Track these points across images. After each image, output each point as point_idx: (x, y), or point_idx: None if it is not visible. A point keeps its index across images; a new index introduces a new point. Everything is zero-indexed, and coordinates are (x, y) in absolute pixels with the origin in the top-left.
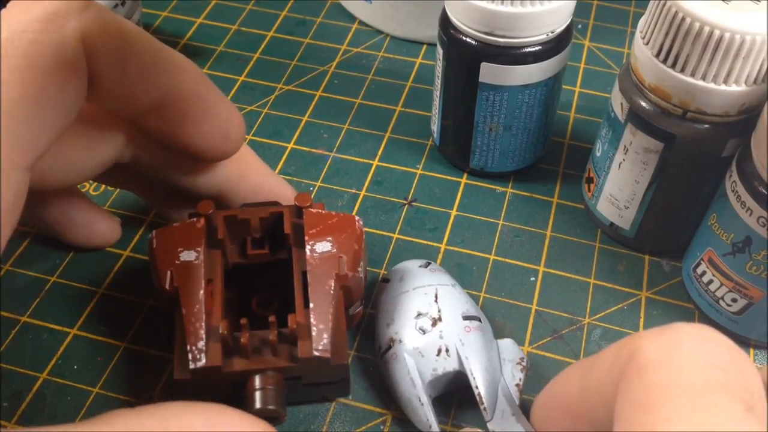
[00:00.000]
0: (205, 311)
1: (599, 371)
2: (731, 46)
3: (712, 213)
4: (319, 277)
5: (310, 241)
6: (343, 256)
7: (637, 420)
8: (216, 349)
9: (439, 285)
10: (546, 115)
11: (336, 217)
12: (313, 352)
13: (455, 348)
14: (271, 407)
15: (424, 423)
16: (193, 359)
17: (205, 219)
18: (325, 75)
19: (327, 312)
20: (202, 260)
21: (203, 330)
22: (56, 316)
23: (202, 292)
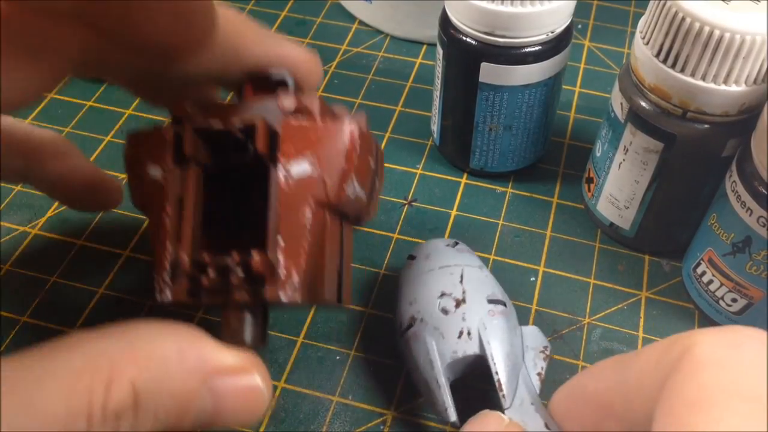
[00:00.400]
0: (172, 238)
1: (643, 365)
2: (731, 46)
3: (712, 213)
4: (292, 207)
5: (284, 161)
6: (327, 179)
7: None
8: (182, 284)
9: (466, 266)
10: (546, 115)
11: (322, 129)
12: (281, 298)
13: (477, 331)
14: (246, 341)
15: (440, 405)
16: (159, 291)
17: (174, 130)
18: (325, 75)
19: (300, 248)
20: (168, 178)
21: (169, 261)
22: (56, 316)
23: (167, 217)
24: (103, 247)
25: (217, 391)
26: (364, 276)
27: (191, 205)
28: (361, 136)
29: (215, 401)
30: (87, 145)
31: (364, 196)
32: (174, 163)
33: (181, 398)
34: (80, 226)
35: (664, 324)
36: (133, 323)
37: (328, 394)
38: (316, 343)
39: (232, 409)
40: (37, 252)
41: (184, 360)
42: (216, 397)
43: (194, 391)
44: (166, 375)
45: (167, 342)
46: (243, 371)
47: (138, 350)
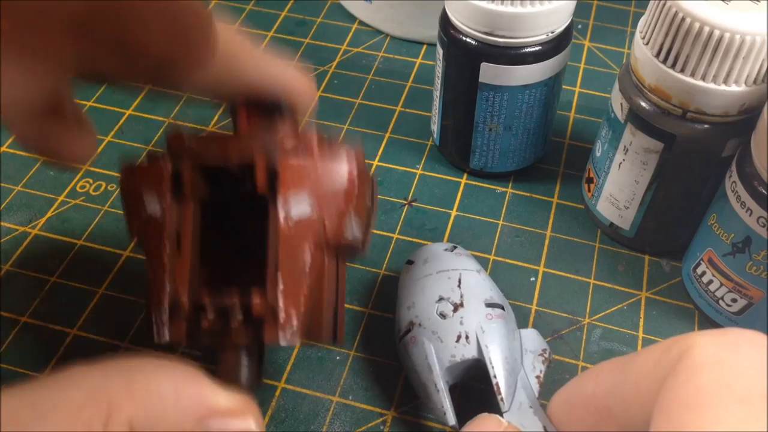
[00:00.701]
0: (170, 277)
1: (641, 367)
2: (731, 46)
3: (712, 213)
4: (292, 249)
5: (284, 203)
6: (327, 221)
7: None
8: (180, 327)
9: (464, 270)
10: (546, 115)
11: (321, 167)
12: (280, 342)
13: (475, 335)
14: (242, 382)
15: (439, 409)
16: (157, 332)
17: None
18: (325, 75)
19: (299, 291)
20: (167, 216)
21: (166, 301)
22: (56, 316)
23: (165, 256)
24: (103, 247)
25: None
26: (364, 276)
27: (189, 243)
28: (359, 176)
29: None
30: None
31: (361, 234)
32: (172, 200)
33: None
34: (80, 226)
35: (664, 324)
36: (132, 359)
37: (328, 394)
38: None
39: None
40: (37, 252)
41: (181, 399)
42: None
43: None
44: (163, 414)
45: (165, 380)
46: (237, 414)
47: (136, 387)
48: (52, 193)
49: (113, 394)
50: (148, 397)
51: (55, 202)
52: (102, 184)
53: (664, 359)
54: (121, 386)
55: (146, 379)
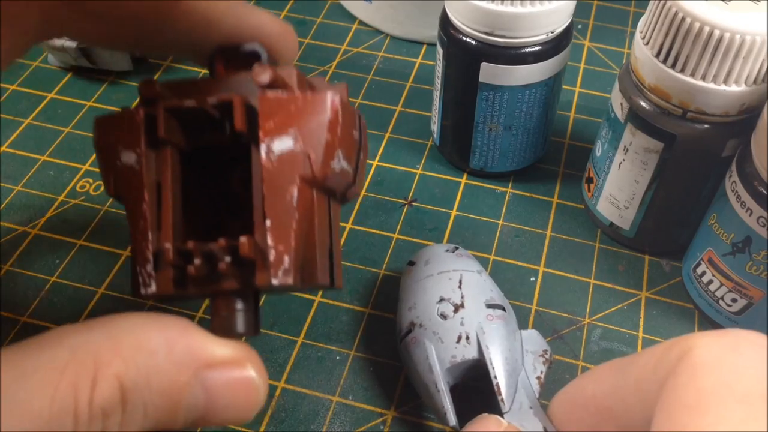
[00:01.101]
0: (152, 226)
1: (642, 368)
2: (731, 46)
3: (712, 213)
4: (277, 185)
5: (265, 138)
6: (311, 153)
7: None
8: (167, 275)
9: (465, 271)
10: (546, 115)
11: (301, 99)
12: (272, 281)
13: (476, 336)
14: (237, 330)
15: (439, 410)
16: (143, 284)
17: (145, 111)
18: (325, 75)
19: (288, 228)
20: (143, 163)
21: (150, 251)
22: (56, 316)
23: (145, 204)
24: (103, 247)
25: (208, 385)
26: (364, 276)
27: (170, 191)
28: (343, 107)
29: (207, 396)
30: (87, 145)
31: (351, 169)
32: (148, 147)
33: (171, 393)
34: (80, 226)
35: (664, 324)
36: (118, 315)
37: (328, 394)
38: (316, 343)
39: (226, 404)
40: (37, 252)
41: (173, 353)
42: (208, 392)
43: (184, 385)
44: (154, 369)
45: (154, 334)
46: (236, 364)
47: (123, 343)
48: (52, 193)
49: (99, 350)
50: (137, 352)
51: (55, 202)
52: (102, 183)
53: (665, 360)
54: (107, 342)
55: (134, 333)
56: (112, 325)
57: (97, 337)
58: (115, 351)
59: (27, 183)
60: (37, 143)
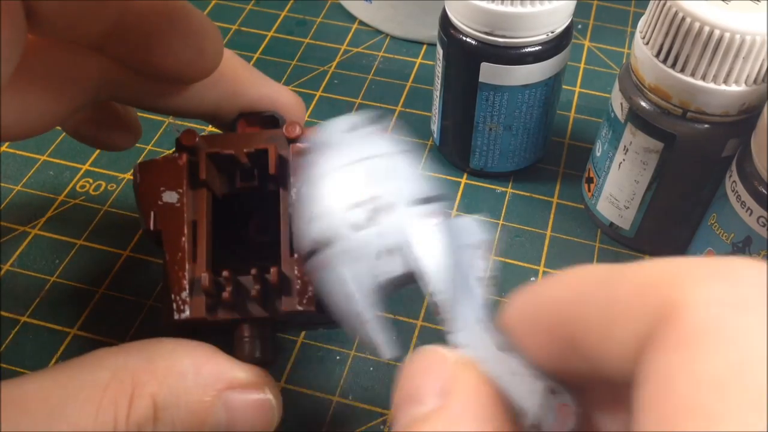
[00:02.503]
0: (189, 258)
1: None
2: (731, 46)
3: (712, 213)
4: None
5: (296, 182)
6: None
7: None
8: (200, 302)
9: (377, 156)
10: (546, 115)
11: None
12: (297, 307)
13: (401, 246)
14: (257, 356)
15: (369, 344)
16: (177, 310)
17: (188, 154)
18: (325, 75)
19: None
20: (184, 202)
21: (186, 280)
22: (56, 316)
23: (184, 239)
24: (103, 247)
25: (231, 405)
26: None
27: (205, 228)
28: None
29: (229, 415)
30: None
31: None
32: (188, 188)
33: (198, 412)
34: (80, 226)
35: None
36: (152, 340)
37: (328, 394)
38: (316, 343)
39: (245, 422)
40: (37, 252)
41: (200, 374)
42: (230, 411)
43: (210, 404)
44: (184, 389)
45: (185, 358)
46: (255, 386)
47: (158, 366)
48: (52, 193)
49: (136, 372)
50: (170, 374)
51: (55, 202)
52: (102, 183)
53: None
54: (143, 365)
55: (167, 357)
56: (148, 349)
57: (135, 360)
58: (150, 373)
59: (27, 183)
60: (37, 143)
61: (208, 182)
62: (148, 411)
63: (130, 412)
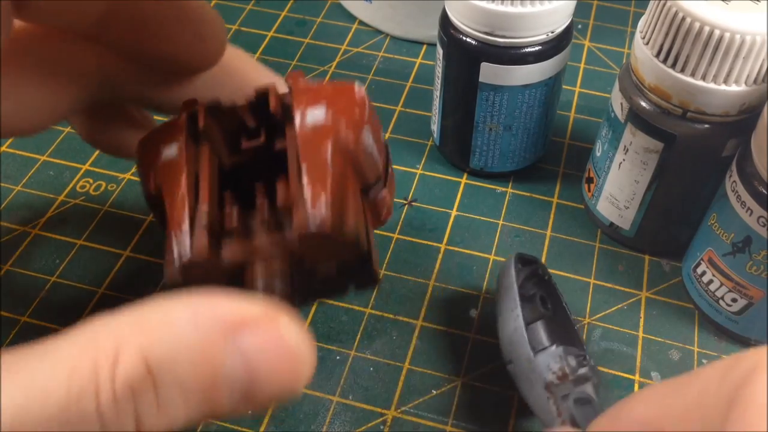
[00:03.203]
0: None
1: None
2: (731, 46)
3: (712, 213)
4: (311, 145)
5: (298, 110)
6: (342, 120)
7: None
8: (202, 239)
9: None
10: (546, 115)
11: (330, 86)
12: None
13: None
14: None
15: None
16: (178, 254)
17: (187, 114)
18: (325, 75)
19: (324, 176)
20: (183, 153)
21: (186, 218)
22: (56, 316)
23: (183, 177)
24: (103, 247)
25: (245, 350)
26: None
27: (207, 180)
28: (370, 104)
29: (246, 363)
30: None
31: (380, 160)
32: (188, 142)
33: (205, 365)
34: (80, 226)
35: (664, 324)
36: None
37: (328, 394)
38: (316, 343)
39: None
40: (38, 252)
41: (200, 322)
42: (246, 358)
43: (218, 353)
44: (181, 340)
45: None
46: (273, 321)
47: (147, 319)
48: (52, 193)
49: (121, 329)
50: (162, 326)
51: (55, 202)
52: (102, 183)
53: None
54: (129, 321)
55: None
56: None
57: (120, 319)
58: (137, 328)
59: (27, 183)
60: (37, 143)
61: (210, 138)
62: (138, 371)
63: (116, 372)
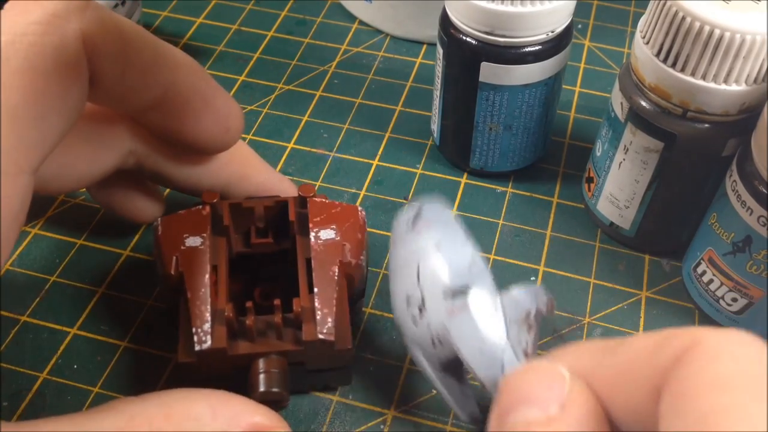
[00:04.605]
0: (212, 294)
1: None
2: (731, 45)
3: (713, 212)
4: (323, 263)
5: (314, 228)
6: (347, 244)
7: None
8: (221, 332)
9: (422, 252)
10: (546, 114)
11: (339, 206)
12: (318, 335)
13: (445, 337)
14: (275, 390)
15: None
16: (198, 341)
17: (211, 207)
18: (325, 75)
19: (331, 297)
20: (208, 245)
21: (209, 313)
22: (56, 316)
23: (207, 276)
24: (103, 247)
25: None
26: None
27: (225, 271)
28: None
29: None
30: None
31: (365, 267)
32: (212, 234)
33: None
34: (80, 226)
35: (664, 323)
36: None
37: (328, 394)
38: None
39: None
40: (37, 252)
41: (217, 418)
42: None
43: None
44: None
45: (200, 402)
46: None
47: (174, 411)
48: None
49: (153, 418)
50: (186, 418)
51: (55, 202)
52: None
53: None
54: (159, 411)
55: (182, 402)
56: (163, 396)
57: (151, 407)
58: (166, 417)
59: None
60: None
61: (228, 231)
62: None
63: None
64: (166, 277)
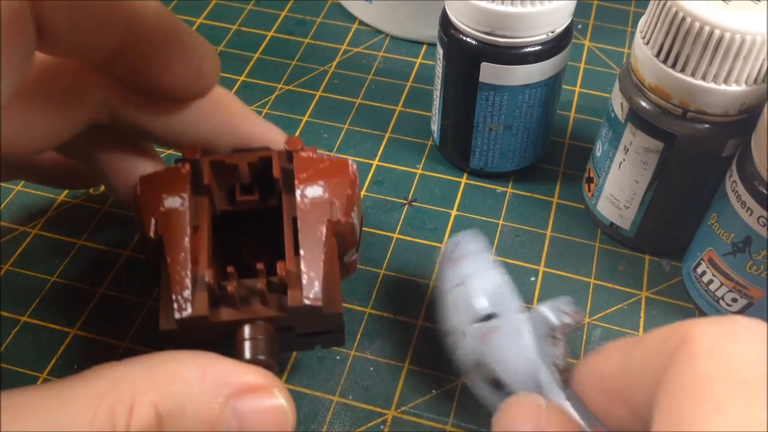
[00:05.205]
0: (191, 259)
1: (644, 353)
2: (731, 45)
3: (712, 213)
4: (309, 223)
5: (300, 185)
6: (336, 201)
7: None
8: (202, 298)
9: (452, 287)
10: (546, 115)
11: (328, 161)
12: (304, 301)
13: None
14: (261, 357)
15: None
16: (178, 309)
17: (191, 164)
18: (325, 75)
19: (318, 259)
20: (188, 207)
21: (189, 278)
22: (56, 316)
23: (187, 239)
24: (103, 247)
25: (241, 413)
26: (365, 276)
27: (206, 233)
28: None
29: (239, 423)
30: None
31: (358, 233)
32: (192, 194)
33: (206, 420)
34: (80, 226)
35: (664, 324)
36: (153, 353)
37: (328, 394)
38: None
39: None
40: (37, 252)
41: (205, 381)
42: (240, 419)
43: (218, 412)
44: (188, 397)
45: (187, 365)
46: (264, 390)
47: (159, 374)
48: (52, 193)
49: (136, 382)
50: (172, 382)
51: (55, 202)
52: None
53: (666, 347)
54: (143, 375)
55: (168, 366)
56: (149, 359)
57: (135, 370)
58: (150, 381)
59: (27, 183)
60: None
61: (209, 190)
62: (150, 420)
63: (131, 421)
64: (147, 241)
